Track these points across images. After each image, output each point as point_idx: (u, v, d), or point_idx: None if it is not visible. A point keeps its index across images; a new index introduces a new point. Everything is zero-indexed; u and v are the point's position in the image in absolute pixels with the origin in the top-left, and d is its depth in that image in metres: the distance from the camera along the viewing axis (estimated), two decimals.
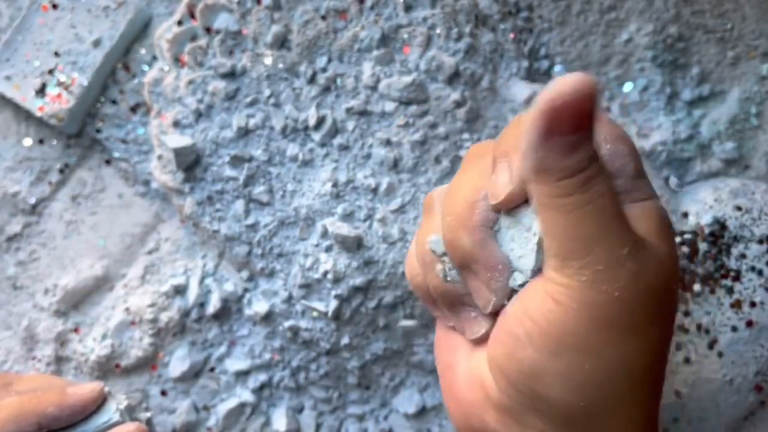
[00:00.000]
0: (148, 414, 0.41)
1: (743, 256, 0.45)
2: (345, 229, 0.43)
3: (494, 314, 0.29)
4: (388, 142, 0.43)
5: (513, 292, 0.29)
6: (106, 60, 0.48)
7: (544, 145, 0.25)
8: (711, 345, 0.44)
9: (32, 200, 0.50)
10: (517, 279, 0.28)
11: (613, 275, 0.26)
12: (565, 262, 0.26)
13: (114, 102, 0.49)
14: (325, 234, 0.43)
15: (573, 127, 0.25)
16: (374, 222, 0.43)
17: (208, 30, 0.44)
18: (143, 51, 0.49)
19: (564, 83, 0.24)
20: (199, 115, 0.44)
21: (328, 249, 0.43)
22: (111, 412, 0.38)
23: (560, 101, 0.24)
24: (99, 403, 0.38)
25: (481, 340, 0.30)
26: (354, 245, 0.43)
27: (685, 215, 0.46)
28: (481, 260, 0.28)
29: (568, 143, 0.25)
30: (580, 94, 0.24)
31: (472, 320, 0.30)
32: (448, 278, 0.30)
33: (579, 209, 0.26)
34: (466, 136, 0.44)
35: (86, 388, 0.38)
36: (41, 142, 0.50)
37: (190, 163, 0.44)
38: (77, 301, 0.49)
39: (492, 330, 0.29)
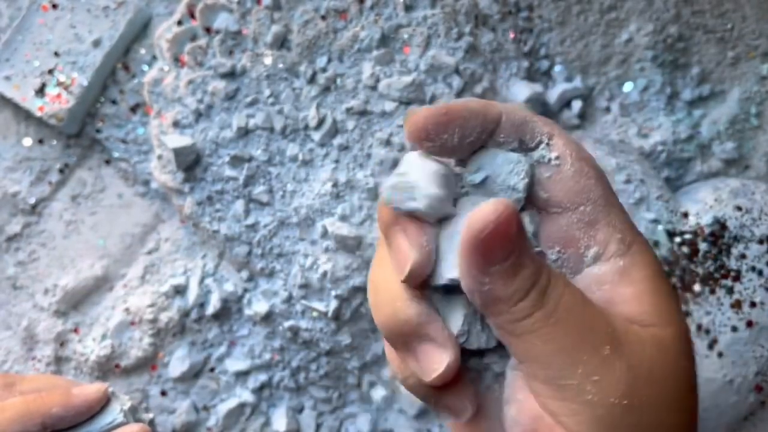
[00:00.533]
0: (151, 415, 0.41)
1: (743, 256, 0.45)
2: (345, 229, 0.43)
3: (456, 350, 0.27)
4: (388, 142, 0.43)
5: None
6: (106, 60, 0.48)
7: (485, 279, 0.24)
8: (711, 345, 0.44)
9: (32, 200, 0.50)
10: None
11: (612, 380, 0.24)
12: (559, 385, 0.24)
13: (114, 102, 0.49)
14: (324, 234, 0.43)
15: (507, 251, 0.23)
16: (374, 222, 0.43)
17: (208, 30, 0.44)
18: (143, 51, 0.49)
19: (484, 212, 0.23)
20: (198, 115, 0.44)
21: (328, 249, 0.43)
22: (115, 413, 0.38)
23: (486, 233, 0.23)
24: (103, 403, 0.38)
25: (444, 386, 0.27)
26: (354, 245, 0.43)
27: (685, 215, 0.46)
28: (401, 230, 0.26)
29: (508, 268, 0.24)
30: (504, 218, 0.23)
31: (429, 354, 0.27)
32: None
33: (546, 325, 0.24)
34: None
35: (91, 389, 0.38)
36: (41, 142, 0.50)
37: (190, 163, 0.44)
38: (77, 301, 0.49)
39: (453, 364, 0.26)
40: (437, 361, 0.26)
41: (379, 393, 0.47)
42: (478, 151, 0.26)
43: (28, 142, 0.50)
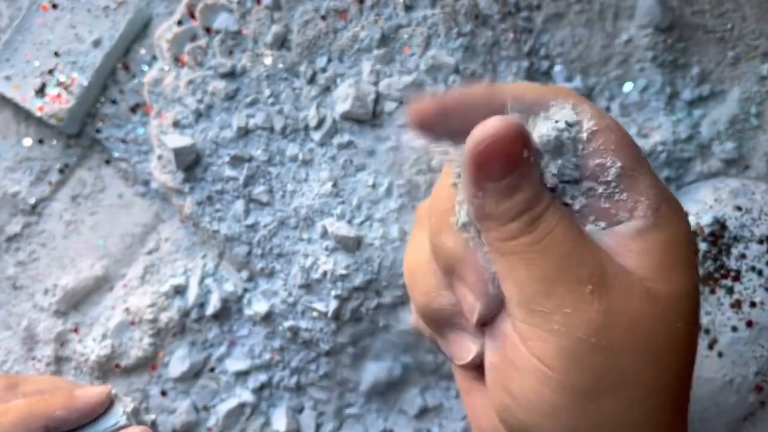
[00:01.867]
0: (153, 416, 0.41)
1: (743, 256, 0.45)
2: (345, 229, 0.43)
3: (483, 333, 0.27)
4: (387, 143, 0.43)
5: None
6: (106, 60, 0.48)
7: (478, 193, 0.24)
8: (711, 345, 0.44)
9: (32, 200, 0.50)
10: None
11: (584, 318, 0.23)
12: (530, 309, 0.24)
13: (114, 102, 0.49)
14: (324, 234, 0.43)
15: (503, 171, 0.23)
16: (374, 222, 0.43)
17: (208, 30, 0.44)
18: (143, 51, 0.49)
19: (484, 128, 0.23)
20: (198, 115, 0.44)
21: (328, 249, 0.43)
22: (118, 416, 0.38)
23: (483, 147, 0.23)
24: (106, 406, 0.38)
25: (474, 368, 0.28)
26: (354, 245, 0.43)
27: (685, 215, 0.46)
28: (464, 261, 0.26)
29: (503, 188, 0.24)
30: (503, 135, 0.23)
31: (459, 343, 0.28)
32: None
33: (530, 251, 0.24)
34: None
35: (94, 391, 0.38)
36: (41, 142, 0.50)
37: (190, 163, 0.44)
38: (77, 302, 0.49)
39: (483, 360, 0.27)
40: (466, 349, 0.27)
41: None
42: None
43: (28, 142, 0.50)
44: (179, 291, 0.47)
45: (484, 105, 0.25)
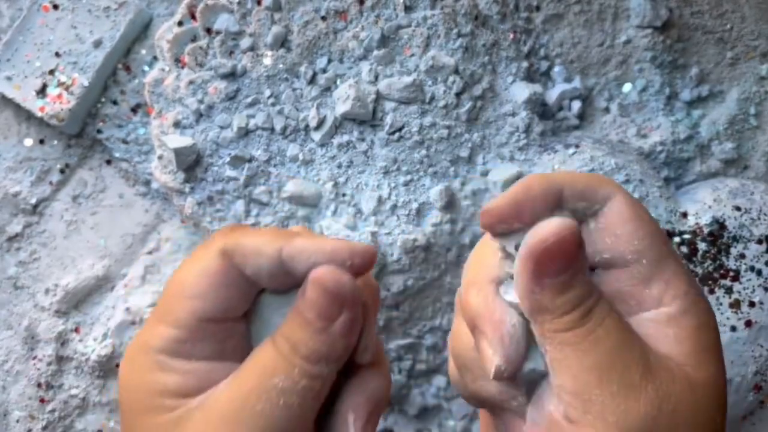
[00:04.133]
0: None
1: (742, 256, 0.45)
2: (343, 230, 0.43)
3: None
4: (387, 143, 0.43)
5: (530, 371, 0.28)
6: (107, 60, 0.48)
7: (536, 289, 0.25)
8: None
9: (33, 200, 0.50)
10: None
11: (635, 406, 0.25)
12: (584, 399, 0.25)
13: (115, 102, 0.49)
14: (324, 234, 0.43)
15: (561, 268, 0.25)
16: (374, 222, 0.43)
17: (208, 31, 0.45)
18: (144, 51, 0.49)
19: (547, 228, 0.25)
20: (199, 115, 0.44)
21: None
22: None
23: (544, 247, 0.25)
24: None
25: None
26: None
27: (684, 215, 0.46)
28: (484, 314, 0.27)
29: (559, 284, 0.25)
30: (563, 237, 0.25)
31: (512, 425, 0.29)
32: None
33: (583, 341, 0.25)
34: (466, 136, 0.44)
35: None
36: (42, 142, 0.50)
37: (191, 163, 0.44)
38: (78, 301, 0.49)
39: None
40: (518, 428, 0.28)
41: None
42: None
43: (29, 142, 0.50)
44: None
45: (543, 196, 0.27)
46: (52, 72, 0.48)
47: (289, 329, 0.27)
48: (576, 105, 0.49)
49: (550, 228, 0.25)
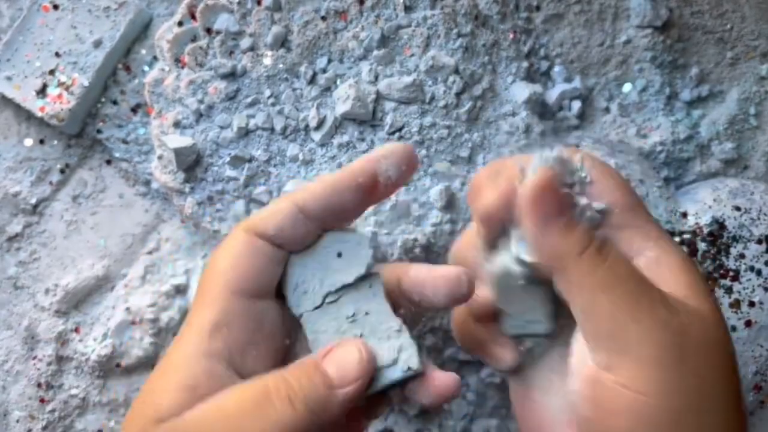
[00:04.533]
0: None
1: (742, 255, 0.45)
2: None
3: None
4: (387, 143, 0.43)
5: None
6: (107, 60, 0.48)
7: (546, 233, 0.27)
8: None
9: (33, 200, 0.50)
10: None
11: (667, 338, 0.26)
12: (617, 338, 0.26)
13: (115, 102, 0.49)
14: None
15: (559, 205, 0.27)
16: (374, 222, 0.43)
17: (208, 31, 0.45)
18: (144, 51, 0.49)
19: (529, 182, 0.27)
20: (199, 115, 0.44)
21: None
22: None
23: (540, 188, 0.26)
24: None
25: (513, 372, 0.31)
26: None
27: (684, 215, 0.46)
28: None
29: (564, 223, 0.27)
30: (546, 176, 0.27)
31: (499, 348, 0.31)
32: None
33: (610, 280, 0.26)
34: (466, 136, 0.44)
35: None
36: (42, 142, 0.50)
37: (191, 163, 0.44)
38: (78, 301, 0.49)
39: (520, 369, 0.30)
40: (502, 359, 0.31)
41: None
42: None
43: (29, 142, 0.50)
44: (180, 290, 0.47)
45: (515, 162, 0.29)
46: (52, 72, 0.48)
47: (307, 386, 0.26)
48: (576, 105, 0.49)
49: (538, 176, 0.27)
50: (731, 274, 0.45)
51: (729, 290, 0.45)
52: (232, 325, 0.28)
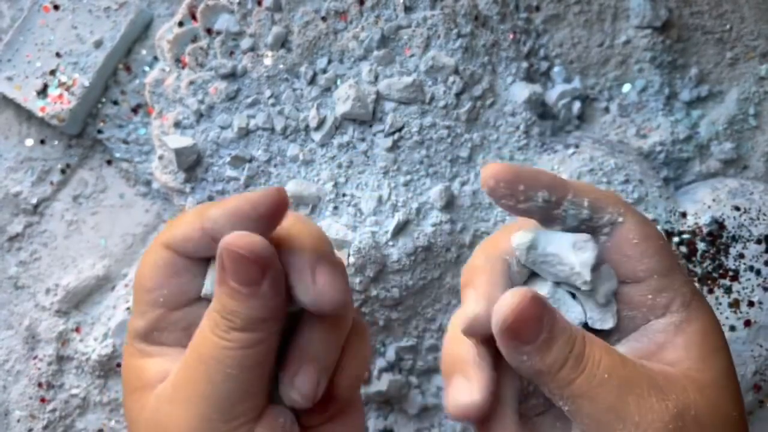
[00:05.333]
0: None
1: (741, 255, 0.45)
2: (342, 231, 0.43)
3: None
4: (387, 143, 0.43)
5: None
6: (108, 61, 0.48)
7: (522, 358, 0.27)
8: None
9: (34, 200, 0.50)
10: None
11: (662, 427, 0.26)
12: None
13: (115, 102, 0.49)
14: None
15: (534, 333, 0.26)
16: (374, 222, 0.43)
17: (209, 31, 0.45)
18: (144, 52, 0.49)
19: (504, 307, 0.26)
20: (199, 115, 0.44)
21: None
22: None
23: (512, 320, 0.26)
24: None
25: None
26: (354, 246, 0.43)
27: (684, 215, 0.46)
28: (484, 270, 0.29)
29: (541, 344, 0.26)
30: (521, 309, 0.26)
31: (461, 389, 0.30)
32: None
33: (589, 387, 0.26)
34: (466, 136, 0.44)
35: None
36: (43, 142, 0.50)
37: (191, 163, 0.44)
38: (78, 301, 0.49)
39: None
40: (464, 396, 0.28)
41: None
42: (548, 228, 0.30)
43: (29, 142, 0.50)
44: None
45: (549, 189, 0.28)
46: (52, 72, 0.48)
47: (219, 302, 0.28)
48: (576, 105, 0.49)
49: (507, 305, 0.26)
50: (730, 274, 0.45)
51: (728, 290, 0.45)
52: (163, 332, 0.30)
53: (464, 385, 0.28)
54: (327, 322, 0.30)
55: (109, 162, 0.50)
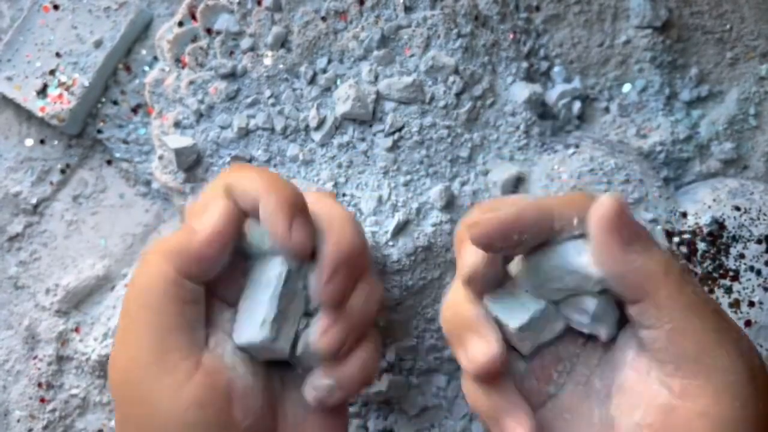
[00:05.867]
0: None
1: (742, 255, 0.45)
2: None
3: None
4: (387, 143, 0.43)
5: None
6: (108, 60, 0.48)
7: (632, 255, 0.26)
8: None
9: (34, 200, 0.50)
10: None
11: (744, 367, 0.26)
12: (706, 364, 0.26)
13: (115, 102, 0.49)
14: None
15: (638, 227, 0.27)
16: (374, 222, 0.43)
17: (208, 31, 0.45)
18: (144, 52, 0.49)
19: (606, 204, 0.27)
20: (199, 115, 0.44)
21: None
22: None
23: (619, 214, 0.26)
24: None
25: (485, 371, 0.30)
26: None
27: (684, 215, 0.46)
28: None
29: (644, 245, 0.26)
30: (621, 201, 0.27)
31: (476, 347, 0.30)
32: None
33: (701, 304, 0.26)
34: (466, 136, 0.44)
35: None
36: (42, 142, 0.50)
37: (191, 163, 0.44)
38: (78, 301, 0.49)
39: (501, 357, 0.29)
40: (483, 353, 0.29)
41: None
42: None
43: (29, 142, 0.50)
44: None
45: (536, 223, 0.28)
46: (52, 72, 0.48)
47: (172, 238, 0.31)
48: (576, 105, 0.49)
49: (611, 202, 0.26)
50: (731, 274, 0.45)
51: (729, 290, 0.45)
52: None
53: (480, 342, 0.29)
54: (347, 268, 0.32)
55: (109, 162, 0.50)
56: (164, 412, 0.28)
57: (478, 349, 0.29)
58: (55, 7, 0.48)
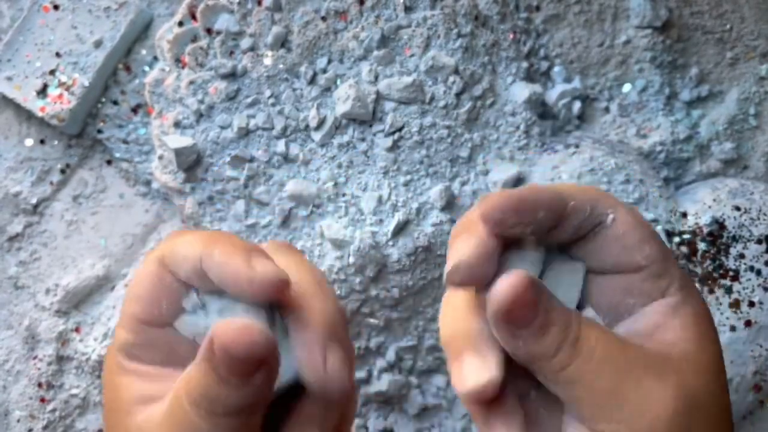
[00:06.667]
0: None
1: (742, 255, 0.45)
2: (342, 231, 0.43)
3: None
4: (387, 143, 0.43)
5: None
6: (108, 60, 0.48)
7: (518, 343, 0.26)
8: None
9: (33, 200, 0.50)
10: None
11: (660, 409, 0.26)
12: (611, 423, 0.26)
13: (115, 102, 0.49)
14: (323, 234, 0.44)
15: (530, 317, 0.26)
16: (374, 222, 0.43)
17: (208, 31, 0.45)
18: (144, 52, 0.49)
19: (500, 291, 0.25)
20: (199, 115, 0.44)
21: (328, 249, 0.44)
22: None
23: (507, 305, 0.25)
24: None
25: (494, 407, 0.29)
26: (354, 246, 0.43)
27: (684, 215, 0.46)
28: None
29: (537, 328, 0.26)
30: (517, 292, 0.25)
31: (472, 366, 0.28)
32: None
33: (585, 371, 0.26)
34: (466, 136, 0.44)
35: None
36: (42, 142, 0.50)
37: (191, 163, 0.44)
38: (78, 301, 0.49)
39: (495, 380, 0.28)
40: (476, 376, 0.27)
41: None
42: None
43: (29, 142, 0.50)
44: None
45: (551, 201, 0.27)
46: (52, 72, 0.48)
47: (200, 382, 0.25)
48: (576, 105, 0.49)
49: (504, 286, 0.25)
50: (731, 274, 0.45)
51: (729, 290, 0.45)
52: (143, 349, 0.28)
53: (477, 362, 0.27)
54: (326, 402, 0.28)
55: (109, 162, 0.50)
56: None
57: (471, 370, 0.27)
58: (55, 7, 0.48)
